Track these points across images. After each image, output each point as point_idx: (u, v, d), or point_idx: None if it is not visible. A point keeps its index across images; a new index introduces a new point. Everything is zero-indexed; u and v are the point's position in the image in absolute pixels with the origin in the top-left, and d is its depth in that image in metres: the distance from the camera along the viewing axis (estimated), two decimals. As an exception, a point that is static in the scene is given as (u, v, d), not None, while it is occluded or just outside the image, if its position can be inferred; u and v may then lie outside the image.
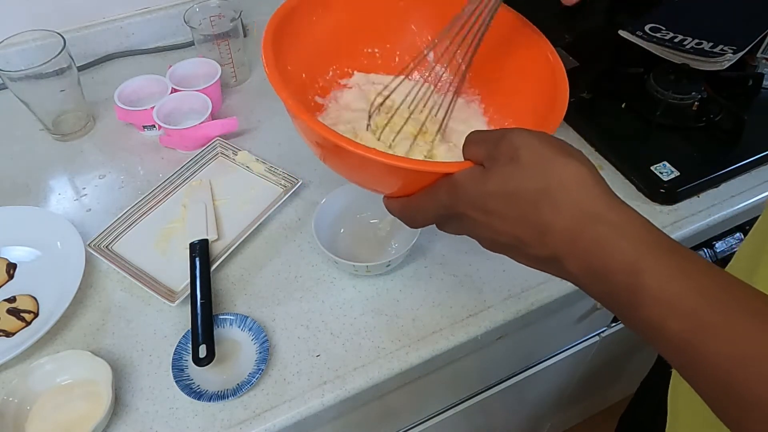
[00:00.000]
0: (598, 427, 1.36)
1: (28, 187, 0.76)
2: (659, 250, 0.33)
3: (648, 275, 0.32)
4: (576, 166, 0.36)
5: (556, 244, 0.35)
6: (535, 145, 0.36)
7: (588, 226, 0.34)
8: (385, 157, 0.39)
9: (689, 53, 0.80)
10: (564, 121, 0.81)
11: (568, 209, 0.35)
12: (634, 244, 0.33)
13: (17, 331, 0.61)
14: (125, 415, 0.56)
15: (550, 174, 0.35)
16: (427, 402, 0.80)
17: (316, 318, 0.62)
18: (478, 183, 0.38)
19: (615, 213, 0.34)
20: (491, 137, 0.38)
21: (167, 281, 0.64)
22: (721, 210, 0.72)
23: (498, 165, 0.37)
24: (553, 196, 0.35)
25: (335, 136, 0.41)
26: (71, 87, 0.79)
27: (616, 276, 0.33)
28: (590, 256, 0.34)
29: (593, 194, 0.35)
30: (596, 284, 0.35)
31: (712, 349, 0.30)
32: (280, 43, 0.50)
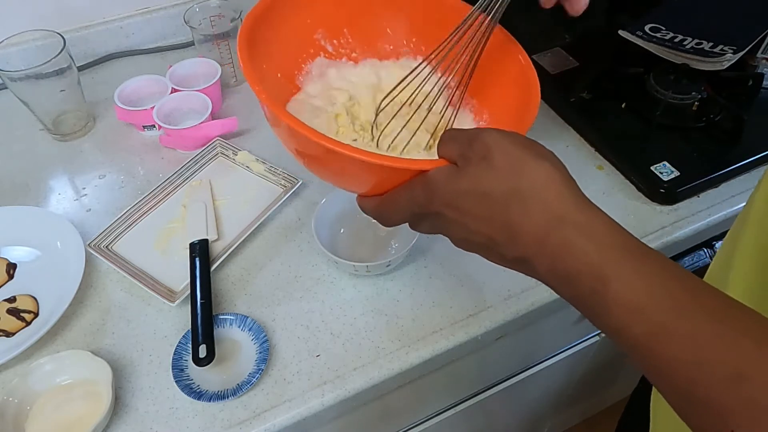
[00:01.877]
0: (598, 427, 1.36)
1: (28, 187, 0.76)
2: (624, 254, 0.33)
3: (612, 280, 0.32)
4: (546, 167, 0.36)
5: (525, 246, 0.36)
6: (507, 146, 0.37)
7: (555, 229, 0.35)
8: (360, 153, 0.39)
9: (689, 53, 0.80)
10: (564, 121, 0.83)
11: (537, 211, 0.35)
12: (600, 247, 0.33)
13: (17, 331, 0.61)
14: (125, 415, 0.56)
15: (521, 176, 0.36)
16: (427, 402, 0.80)
17: (316, 318, 0.62)
18: (451, 181, 0.38)
19: (582, 215, 0.35)
20: (465, 136, 0.39)
21: (167, 281, 0.64)
22: (721, 210, 0.72)
23: (470, 164, 0.37)
24: (523, 198, 0.36)
25: (308, 131, 0.40)
26: (71, 87, 0.79)
27: (582, 279, 0.34)
28: (557, 259, 0.35)
29: (563, 196, 0.35)
30: (563, 287, 0.36)
31: (672, 353, 0.30)
32: (255, 43, 0.50)
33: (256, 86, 0.44)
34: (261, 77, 0.47)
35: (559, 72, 0.87)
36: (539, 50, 0.90)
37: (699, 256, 0.84)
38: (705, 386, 0.29)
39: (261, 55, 0.50)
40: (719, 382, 0.28)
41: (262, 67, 0.51)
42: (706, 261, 0.84)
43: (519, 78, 0.52)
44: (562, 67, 0.88)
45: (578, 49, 0.91)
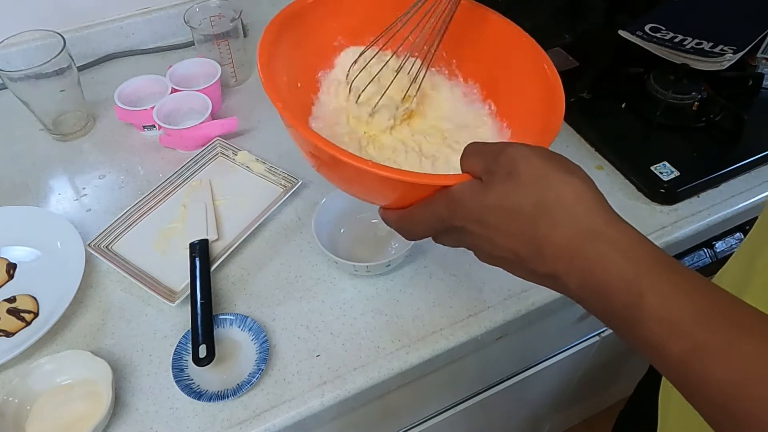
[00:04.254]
0: (598, 427, 1.36)
1: (28, 187, 0.76)
2: (659, 269, 0.32)
3: (648, 295, 0.32)
4: (574, 182, 0.35)
5: (554, 261, 0.35)
6: (533, 161, 0.36)
7: (586, 243, 0.34)
8: (381, 169, 0.39)
9: (689, 53, 0.80)
10: (564, 121, 0.82)
11: (566, 226, 0.35)
12: (634, 262, 0.33)
13: (17, 331, 0.61)
14: (125, 415, 0.56)
15: (549, 190, 0.35)
16: (427, 402, 0.80)
17: (316, 318, 0.62)
18: (476, 197, 0.38)
19: (614, 229, 0.34)
20: (490, 150, 0.38)
21: (167, 281, 0.64)
22: (721, 210, 0.72)
23: (496, 179, 0.37)
24: (552, 213, 0.35)
25: (329, 147, 0.40)
26: (71, 87, 0.79)
27: (616, 294, 0.33)
28: (589, 273, 0.34)
29: (592, 211, 0.35)
30: (595, 302, 0.35)
31: (711, 370, 0.30)
32: (276, 48, 0.50)
33: (278, 103, 0.44)
34: (278, 88, 0.47)
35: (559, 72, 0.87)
36: (539, 50, 0.90)
37: (699, 256, 0.84)
38: (745, 403, 0.29)
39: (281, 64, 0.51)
40: (759, 399, 0.28)
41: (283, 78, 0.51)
42: (706, 261, 0.84)
43: (543, 87, 0.52)
44: (562, 67, 0.88)
45: (578, 49, 0.91)
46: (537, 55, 0.53)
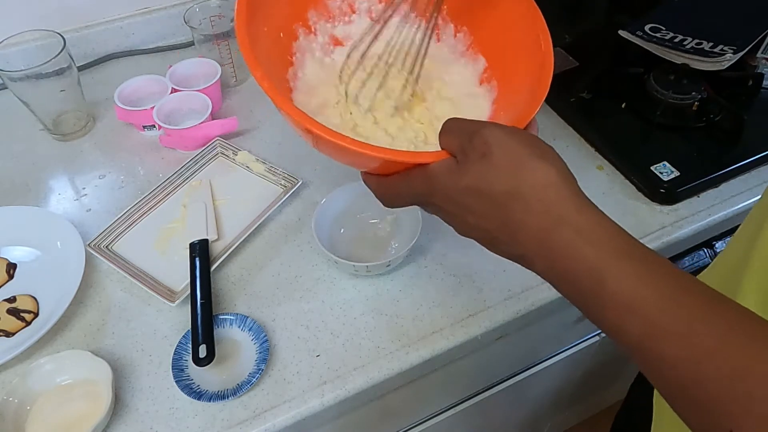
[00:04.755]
0: (598, 427, 1.36)
1: (28, 187, 0.76)
2: (622, 256, 0.34)
3: (609, 281, 0.33)
4: (547, 168, 0.36)
5: (524, 245, 0.37)
6: (507, 144, 0.37)
7: (555, 230, 0.35)
8: (359, 146, 0.39)
9: (689, 53, 0.80)
10: (564, 121, 0.83)
11: (536, 211, 0.36)
12: (598, 250, 0.34)
13: (17, 331, 0.61)
14: (125, 415, 0.56)
15: (521, 175, 0.36)
16: (427, 402, 0.80)
17: (316, 318, 0.62)
18: (451, 177, 0.38)
19: (582, 216, 0.35)
20: (466, 129, 0.39)
21: (167, 281, 0.64)
22: (721, 210, 0.72)
23: (470, 161, 0.38)
24: (523, 198, 0.36)
25: (307, 121, 0.40)
26: (71, 87, 0.79)
27: (580, 280, 0.34)
28: (556, 259, 0.35)
29: (562, 197, 0.36)
30: (562, 285, 0.36)
31: (669, 352, 0.31)
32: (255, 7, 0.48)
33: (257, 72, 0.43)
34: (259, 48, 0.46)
35: (559, 72, 0.87)
36: (539, 50, 0.90)
37: (699, 256, 0.84)
38: (702, 385, 0.29)
39: (260, 19, 0.49)
40: (716, 380, 0.29)
41: (263, 30, 0.50)
42: (706, 261, 0.84)
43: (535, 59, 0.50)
44: (562, 67, 0.88)
45: (578, 49, 0.90)
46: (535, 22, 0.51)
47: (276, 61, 0.53)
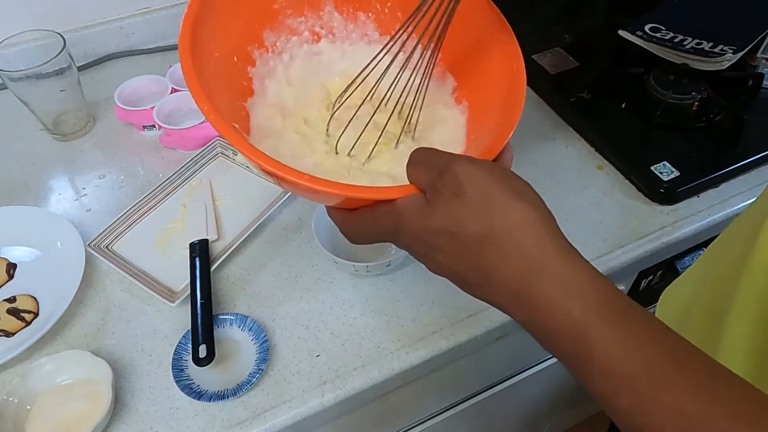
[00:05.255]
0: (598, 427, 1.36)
1: (28, 187, 0.76)
2: (608, 315, 0.31)
3: (595, 347, 0.31)
4: (523, 208, 0.34)
5: (500, 294, 0.34)
6: (480, 182, 0.34)
7: (533, 281, 0.32)
8: (319, 183, 0.36)
9: (689, 53, 0.80)
10: (564, 121, 0.83)
11: (513, 257, 0.33)
12: (582, 305, 0.31)
13: (17, 331, 0.61)
14: (125, 415, 0.56)
15: (495, 216, 0.33)
16: (427, 402, 0.80)
17: (316, 318, 0.62)
18: (421, 216, 0.36)
19: (562, 266, 0.33)
20: (436, 164, 0.36)
21: (167, 281, 0.64)
22: (721, 210, 0.72)
23: (441, 199, 0.35)
24: (498, 242, 0.33)
25: (263, 159, 0.37)
26: (71, 87, 0.79)
27: (563, 339, 0.32)
28: (535, 313, 0.33)
29: (540, 242, 0.33)
30: (543, 341, 0.34)
31: (656, 426, 0.29)
32: (201, 30, 0.45)
33: (204, 105, 0.40)
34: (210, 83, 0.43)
35: (559, 72, 0.87)
36: (539, 50, 0.90)
37: (699, 256, 0.84)
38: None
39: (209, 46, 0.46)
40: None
41: (214, 55, 0.47)
42: (706, 261, 0.84)
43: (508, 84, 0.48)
44: (562, 67, 0.88)
45: (578, 49, 0.91)
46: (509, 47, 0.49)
47: (231, 89, 0.50)
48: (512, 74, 0.47)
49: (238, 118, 0.49)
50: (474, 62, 0.53)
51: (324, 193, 0.37)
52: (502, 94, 0.47)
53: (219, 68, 0.47)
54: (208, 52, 0.46)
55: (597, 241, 0.69)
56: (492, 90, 0.49)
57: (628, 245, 0.68)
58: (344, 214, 0.41)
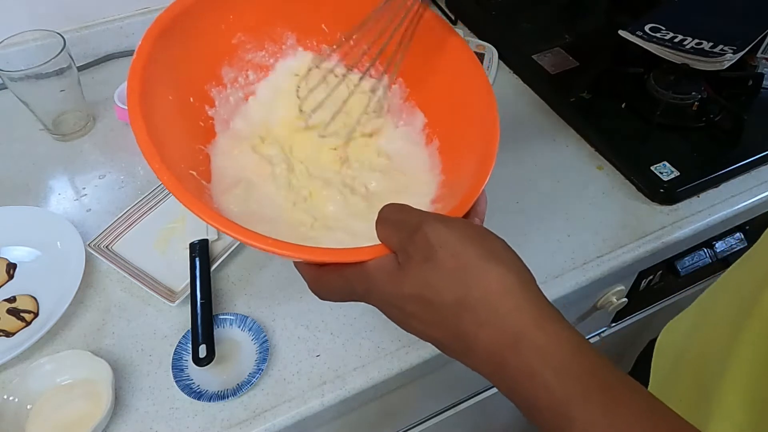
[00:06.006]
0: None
1: (28, 187, 0.76)
2: (590, 388, 0.30)
3: (577, 422, 0.29)
4: (499, 272, 0.32)
5: (480, 362, 0.33)
6: (453, 245, 0.33)
7: (513, 350, 0.31)
8: (285, 248, 0.35)
9: (689, 53, 0.80)
10: (564, 121, 0.83)
11: (492, 326, 0.32)
12: (563, 378, 0.30)
13: (17, 331, 0.61)
14: (125, 415, 0.56)
15: (471, 283, 0.32)
16: (427, 402, 0.80)
17: (316, 318, 0.62)
18: (392, 281, 0.35)
19: (542, 333, 0.31)
20: (406, 224, 0.35)
21: (167, 281, 0.64)
22: (721, 210, 0.72)
23: (412, 263, 0.34)
24: (475, 309, 0.32)
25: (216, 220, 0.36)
26: (71, 87, 0.79)
27: (544, 413, 0.31)
28: (516, 383, 0.32)
29: (519, 308, 0.32)
30: (525, 412, 0.33)
31: None
32: (153, 72, 0.43)
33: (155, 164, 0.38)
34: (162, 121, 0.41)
35: (559, 72, 0.87)
36: (539, 50, 0.90)
37: (699, 256, 0.84)
38: None
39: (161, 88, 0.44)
40: None
41: (168, 98, 0.44)
42: (707, 261, 0.84)
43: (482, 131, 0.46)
44: (562, 67, 0.88)
45: (578, 49, 0.91)
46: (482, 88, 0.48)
47: (188, 132, 0.48)
48: (486, 123, 0.46)
49: (196, 163, 0.47)
50: (444, 100, 0.51)
51: (289, 256, 0.36)
52: (476, 141, 0.46)
53: (174, 111, 0.45)
54: (161, 96, 0.43)
55: (597, 241, 0.69)
56: (465, 135, 0.48)
57: (628, 245, 0.68)
58: (313, 271, 0.39)
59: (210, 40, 0.49)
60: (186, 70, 0.47)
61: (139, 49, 0.43)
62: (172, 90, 0.45)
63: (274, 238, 0.36)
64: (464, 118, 0.49)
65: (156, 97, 0.43)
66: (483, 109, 0.47)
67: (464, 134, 0.48)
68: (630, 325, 0.95)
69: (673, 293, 0.96)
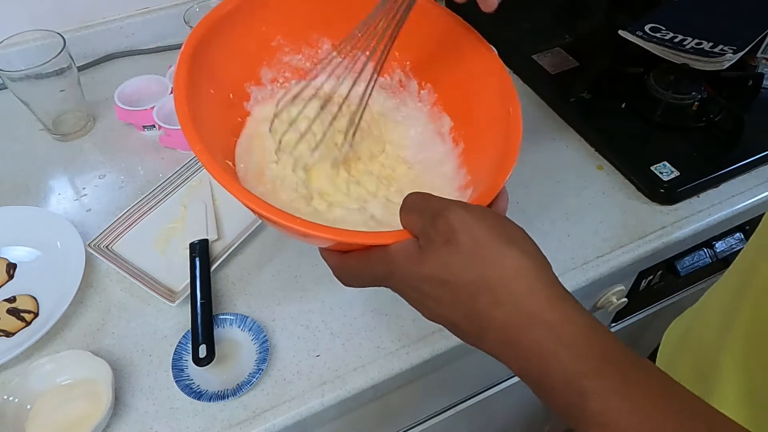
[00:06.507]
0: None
1: (28, 187, 0.76)
2: (603, 365, 0.30)
3: (590, 398, 0.30)
4: (516, 255, 0.33)
5: (495, 343, 0.34)
6: (473, 229, 0.34)
7: (526, 329, 0.32)
8: (311, 228, 0.37)
9: (689, 53, 0.80)
10: (564, 121, 0.83)
11: (507, 306, 0.33)
12: (575, 356, 0.31)
13: (17, 331, 0.61)
14: (125, 415, 0.56)
15: (488, 264, 0.33)
16: (427, 402, 0.80)
17: (316, 318, 0.62)
18: (413, 263, 0.36)
19: (556, 314, 0.32)
20: (428, 210, 0.36)
21: (167, 281, 0.64)
22: (721, 210, 0.72)
23: (433, 247, 0.35)
24: (492, 290, 0.33)
25: (255, 202, 0.38)
26: (71, 87, 0.79)
27: (557, 389, 0.31)
28: (529, 363, 0.32)
29: (533, 290, 0.33)
30: (537, 391, 0.33)
31: None
32: (199, 66, 0.45)
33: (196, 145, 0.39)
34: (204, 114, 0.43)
35: (559, 72, 0.87)
36: (539, 50, 0.90)
37: (699, 256, 0.84)
38: None
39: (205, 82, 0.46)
40: None
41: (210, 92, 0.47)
42: (707, 261, 0.84)
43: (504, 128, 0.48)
44: (562, 67, 0.88)
45: (578, 49, 0.91)
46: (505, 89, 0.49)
47: (226, 126, 0.50)
48: (508, 118, 0.47)
49: (232, 155, 0.49)
50: (469, 103, 0.52)
51: (318, 237, 0.37)
52: (499, 138, 0.47)
53: (214, 105, 0.47)
54: (204, 89, 0.45)
55: (597, 241, 0.69)
56: (488, 133, 0.49)
57: (628, 245, 0.68)
58: (337, 257, 0.41)
59: (251, 40, 0.52)
60: (228, 68, 0.50)
61: (186, 43, 0.46)
62: (214, 85, 0.48)
63: (303, 219, 0.37)
64: (487, 118, 0.50)
65: (199, 90, 0.45)
66: (506, 106, 0.48)
67: (487, 133, 0.50)
68: (630, 325, 0.95)
69: (673, 293, 0.96)
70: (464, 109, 0.53)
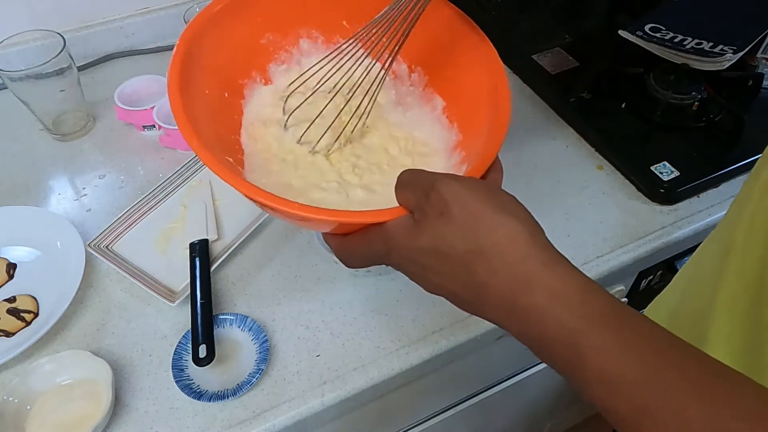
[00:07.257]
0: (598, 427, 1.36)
1: (28, 187, 0.76)
2: (599, 322, 0.31)
3: (588, 354, 0.30)
4: (509, 223, 0.34)
5: (493, 309, 0.35)
6: (465, 200, 0.35)
7: (523, 293, 0.33)
8: (309, 211, 0.38)
9: (689, 53, 0.80)
10: (564, 121, 0.83)
11: (502, 273, 0.33)
12: (572, 314, 0.31)
13: (17, 331, 0.61)
14: (125, 415, 0.56)
15: (482, 233, 0.34)
16: (427, 402, 0.80)
17: (316, 318, 0.62)
18: (409, 236, 0.36)
19: (550, 275, 0.33)
20: (421, 184, 0.37)
21: (167, 281, 0.64)
22: (721, 210, 0.72)
23: (428, 219, 0.36)
24: (487, 258, 0.34)
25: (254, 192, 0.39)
26: (71, 87, 0.79)
27: (556, 348, 0.32)
28: (528, 325, 0.33)
29: (528, 255, 0.33)
30: (537, 351, 0.34)
31: (659, 431, 0.29)
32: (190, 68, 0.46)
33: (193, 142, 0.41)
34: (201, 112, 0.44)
35: (559, 72, 0.87)
36: (539, 50, 0.90)
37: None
38: None
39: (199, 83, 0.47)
40: None
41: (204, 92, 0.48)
42: (706, 261, 0.84)
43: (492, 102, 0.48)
44: (562, 67, 0.88)
45: (578, 49, 0.91)
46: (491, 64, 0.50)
47: (224, 124, 0.51)
48: (496, 91, 0.48)
49: (232, 152, 0.50)
50: (459, 82, 0.53)
51: (317, 220, 0.38)
52: (490, 112, 0.48)
53: (210, 104, 0.48)
54: (197, 90, 0.46)
55: (597, 241, 0.69)
56: (479, 108, 0.50)
57: (628, 245, 0.68)
58: (339, 240, 0.42)
59: (242, 39, 0.52)
60: (220, 67, 0.50)
61: (177, 46, 0.46)
62: (208, 85, 0.49)
63: (302, 204, 0.38)
64: (478, 94, 0.51)
65: (193, 91, 0.45)
66: (493, 82, 0.48)
67: (478, 109, 0.50)
68: (630, 325, 0.95)
69: (673, 293, 0.96)
70: (455, 89, 0.54)
